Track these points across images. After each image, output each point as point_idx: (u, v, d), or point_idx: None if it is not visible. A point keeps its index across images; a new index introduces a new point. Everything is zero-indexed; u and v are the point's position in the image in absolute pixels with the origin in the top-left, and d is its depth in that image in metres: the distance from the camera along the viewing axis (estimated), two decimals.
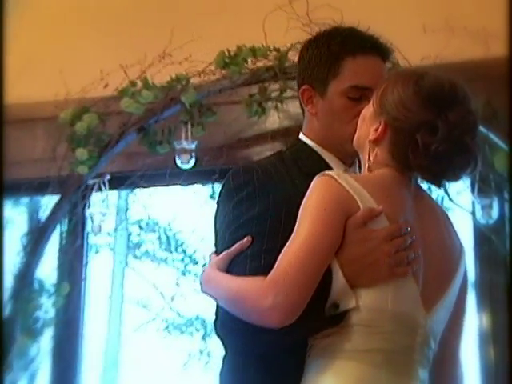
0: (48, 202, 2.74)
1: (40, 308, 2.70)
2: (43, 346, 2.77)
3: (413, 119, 1.39)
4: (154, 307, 4.74)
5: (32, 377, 2.78)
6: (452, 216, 1.52)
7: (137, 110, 2.63)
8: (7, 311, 2.60)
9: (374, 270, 1.33)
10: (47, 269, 2.78)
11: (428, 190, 1.52)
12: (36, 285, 2.72)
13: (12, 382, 2.67)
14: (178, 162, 2.65)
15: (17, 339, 2.61)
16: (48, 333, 2.77)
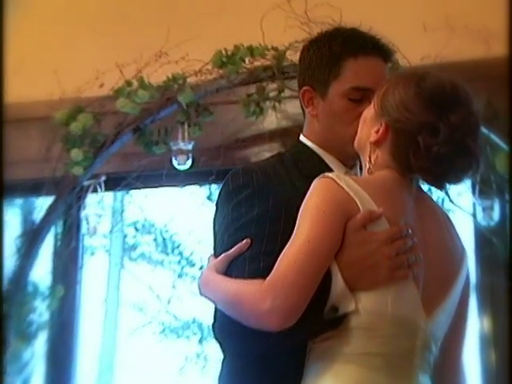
0: (42, 204, 2.74)
1: (34, 311, 2.70)
2: (37, 350, 2.77)
3: (414, 121, 1.40)
4: (150, 310, 4.74)
5: (26, 381, 2.77)
6: (452, 218, 1.53)
7: (133, 110, 2.63)
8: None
9: (374, 273, 1.34)
10: (41, 271, 2.77)
11: (428, 191, 1.52)
12: (30, 287, 2.71)
13: None
14: (175, 163, 2.65)
15: (10, 343, 2.61)
16: (42, 336, 2.77)
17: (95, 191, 2.75)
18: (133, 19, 2.90)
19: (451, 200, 1.46)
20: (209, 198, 4.25)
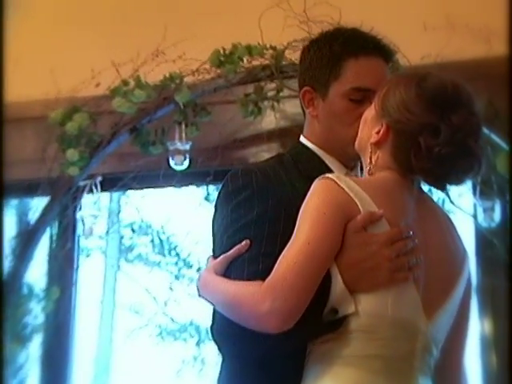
0: (37, 204, 2.74)
1: (29, 313, 2.70)
2: (32, 353, 2.77)
3: (415, 122, 1.40)
4: (147, 312, 4.74)
5: None
6: (453, 219, 1.53)
7: (129, 110, 2.63)
8: None
9: (374, 275, 1.34)
10: (36, 273, 2.77)
11: (428, 192, 1.52)
12: (25, 289, 2.71)
13: None
14: (172, 163, 2.65)
15: (5, 345, 2.60)
16: (37, 339, 2.77)
17: (91, 192, 2.75)
18: (129, 17, 2.90)
19: (452, 201, 1.46)
20: (206, 199, 4.24)
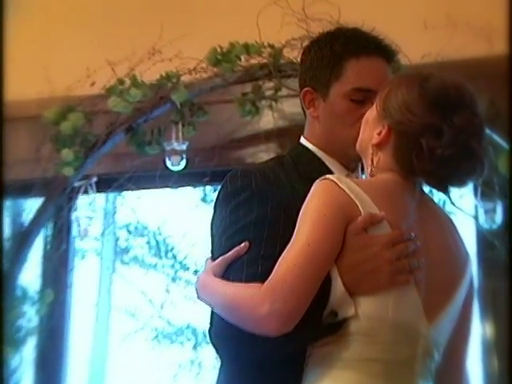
0: (31, 205, 2.73)
1: (23, 316, 2.69)
2: (26, 357, 2.76)
3: (417, 123, 1.40)
4: (143, 315, 4.73)
5: None
6: (454, 220, 1.52)
7: (125, 109, 2.63)
8: None
9: (374, 278, 1.34)
10: (30, 275, 2.77)
11: (429, 193, 1.52)
12: (19, 292, 2.71)
13: None
14: (168, 164, 2.65)
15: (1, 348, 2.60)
16: (31, 342, 2.76)
17: (86, 192, 2.75)
18: (125, 15, 2.90)
19: (453, 202, 1.46)
20: (203, 200, 4.24)
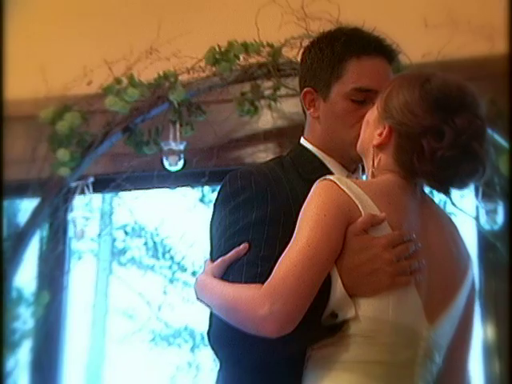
0: (27, 206, 2.73)
1: (18, 318, 2.69)
2: (21, 359, 2.76)
3: (418, 124, 1.40)
4: (140, 317, 4.73)
5: None
6: (455, 221, 1.52)
7: (122, 109, 2.63)
8: None
9: (375, 279, 1.34)
10: (26, 276, 2.77)
11: (430, 194, 1.52)
12: (14, 293, 2.70)
13: None
14: (166, 164, 2.65)
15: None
16: (26, 345, 2.76)
17: (83, 193, 2.74)
18: (122, 13, 2.90)
19: (453, 203, 1.46)
20: (201, 201, 4.24)
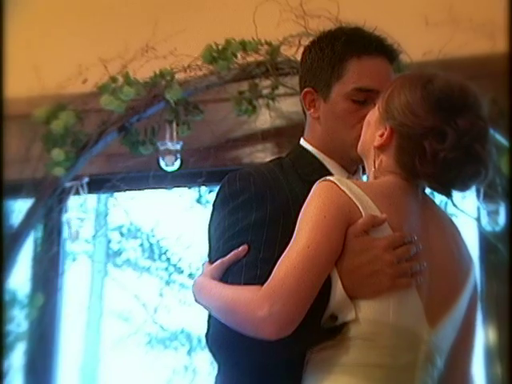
0: (21, 207, 2.73)
1: (12, 321, 2.69)
2: (15, 362, 2.76)
3: (420, 125, 1.40)
4: (136, 320, 4.73)
5: None
6: (456, 222, 1.52)
7: (118, 108, 2.62)
8: None
9: (375, 281, 1.34)
10: (20, 278, 2.76)
11: (430, 195, 1.52)
12: (8, 296, 2.70)
13: None
14: (162, 164, 2.64)
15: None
16: (20, 348, 2.76)
17: (77, 193, 2.74)
18: (118, 11, 2.89)
19: (454, 204, 1.46)
20: (198, 201, 4.23)
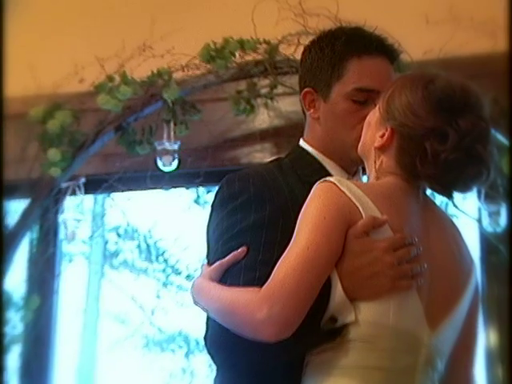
0: (17, 207, 2.73)
1: (7, 323, 2.69)
2: (10, 365, 2.75)
3: (421, 126, 1.40)
4: (133, 322, 4.73)
5: None
6: (456, 223, 1.52)
7: (114, 107, 2.62)
8: None
9: (375, 283, 1.34)
10: (15, 280, 2.76)
11: (431, 195, 1.52)
12: (3, 297, 2.70)
13: None
14: (160, 164, 2.64)
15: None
16: (16, 350, 2.76)
17: (74, 194, 2.74)
18: (115, 9, 2.89)
19: (455, 204, 1.46)
20: (196, 202, 4.24)
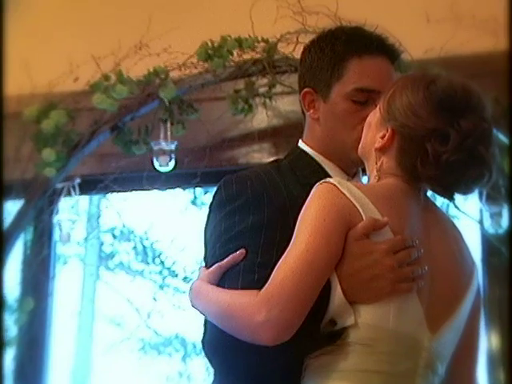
0: (11, 208, 2.73)
1: (1, 325, 2.68)
2: (4, 368, 2.75)
3: (422, 126, 1.40)
4: (129, 325, 4.72)
5: None
6: (458, 225, 1.53)
7: (110, 107, 2.62)
8: None
9: (375, 286, 1.34)
10: (9, 282, 2.76)
11: (432, 197, 1.52)
12: (3, 298, 2.70)
13: None
14: (156, 164, 2.64)
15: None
16: (10, 353, 2.75)
17: (69, 195, 2.74)
18: (111, 7, 2.89)
19: (456, 206, 1.47)
20: (193, 203, 4.23)
